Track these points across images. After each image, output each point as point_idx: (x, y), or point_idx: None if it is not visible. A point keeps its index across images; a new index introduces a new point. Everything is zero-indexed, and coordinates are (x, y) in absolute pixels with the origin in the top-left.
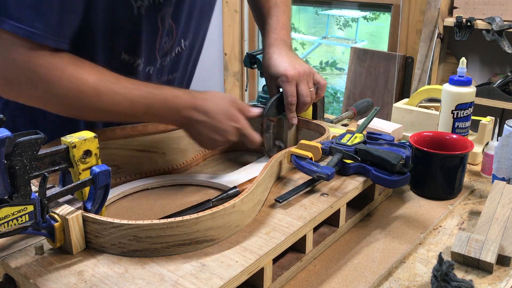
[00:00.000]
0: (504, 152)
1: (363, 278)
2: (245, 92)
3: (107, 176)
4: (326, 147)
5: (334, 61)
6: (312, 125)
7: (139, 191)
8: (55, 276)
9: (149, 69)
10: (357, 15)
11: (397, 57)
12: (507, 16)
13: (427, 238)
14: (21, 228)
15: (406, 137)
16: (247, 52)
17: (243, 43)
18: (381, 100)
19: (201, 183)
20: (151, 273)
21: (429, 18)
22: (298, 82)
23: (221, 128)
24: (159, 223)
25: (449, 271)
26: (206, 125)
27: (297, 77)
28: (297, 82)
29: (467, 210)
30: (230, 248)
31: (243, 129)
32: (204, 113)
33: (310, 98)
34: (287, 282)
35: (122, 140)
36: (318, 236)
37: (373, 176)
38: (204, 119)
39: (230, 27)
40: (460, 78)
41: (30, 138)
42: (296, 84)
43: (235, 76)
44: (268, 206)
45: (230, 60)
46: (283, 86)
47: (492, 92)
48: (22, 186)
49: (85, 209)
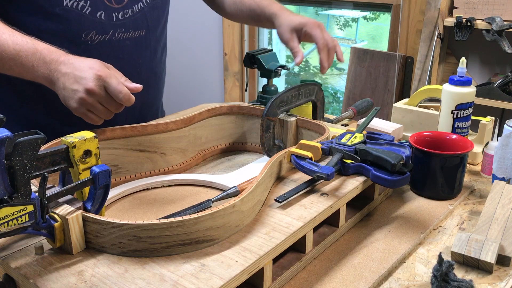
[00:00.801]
0: (504, 152)
1: (363, 278)
2: (245, 92)
3: (107, 176)
4: (326, 147)
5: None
6: (312, 125)
7: (139, 191)
8: (55, 276)
9: (100, 14)
10: (357, 15)
11: (397, 57)
12: (507, 16)
13: (427, 238)
14: (21, 228)
15: (406, 137)
16: (247, 52)
17: (243, 43)
18: (381, 100)
19: (201, 183)
20: (151, 273)
21: (429, 18)
22: (322, 29)
23: (79, 76)
24: (159, 223)
25: (449, 271)
26: (69, 77)
27: (320, 25)
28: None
29: (467, 210)
30: (230, 248)
31: (105, 77)
32: (70, 65)
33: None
34: (287, 282)
35: (122, 140)
36: (318, 236)
37: (373, 176)
38: (67, 71)
39: (230, 27)
40: (460, 78)
41: (30, 138)
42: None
43: (235, 76)
44: (268, 206)
45: (230, 60)
46: (312, 32)
47: (492, 92)
48: (22, 186)
49: (85, 209)
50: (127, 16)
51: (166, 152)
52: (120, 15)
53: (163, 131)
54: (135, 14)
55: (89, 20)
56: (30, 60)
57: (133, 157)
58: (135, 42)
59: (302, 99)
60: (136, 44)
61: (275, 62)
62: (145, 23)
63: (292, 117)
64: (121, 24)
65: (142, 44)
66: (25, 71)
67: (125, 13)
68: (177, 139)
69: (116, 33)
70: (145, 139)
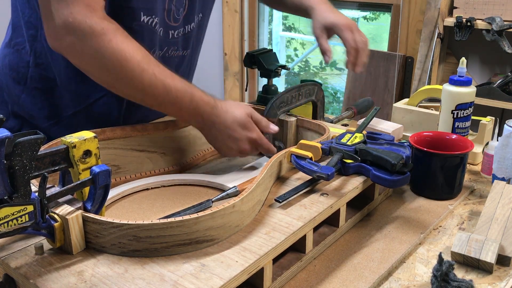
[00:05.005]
0: (504, 152)
1: (363, 278)
2: (245, 92)
3: (107, 176)
4: (326, 147)
5: (334, 61)
6: (312, 125)
7: (139, 191)
8: (55, 276)
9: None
10: (357, 15)
11: (397, 57)
12: (507, 16)
13: (427, 238)
14: (21, 228)
15: (406, 137)
16: (247, 52)
17: (243, 43)
18: (381, 100)
19: (201, 183)
20: (151, 273)
21: (429, 18)
22: (352, 31)
23: (234, 136)
24: (159, 223)
25: (449, 271)
26: (222, 132)
27: (350, 27)
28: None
29: (467, 210)
30: (230, 248)
31: (258, 139)
32: (223, 120)
33: (365, 45)
34: (287, 282)
35: (122, 140)
36: (318, 236)
37: (373, 176)
38: (220, 127)
39: (230, 27)
40: (460, 78)
41: (30, 138)
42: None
43: (235, 76)
44: (268, 206)
45: (230, 60)
46: (341, 34)
47: (492, 92)
48: (22, 186)
49: (85, 209)
50: (180, 35)
51: (166, 152)
52: (175, 33)
53: (163, 131)
54: (187, 33)
55: (156, 36)
56: (186, 107)
57: (133, 157)
58: (181, 61)
59: (302, 99)
60: (181, 62)
61: (275, 62)
62: (192, 42)
63: (292, 117)
64: (174, 41)
65: (185, 63)
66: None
67: (179, 32)
68: (177, 139)
69: (169, 50)
70: (145, 139)
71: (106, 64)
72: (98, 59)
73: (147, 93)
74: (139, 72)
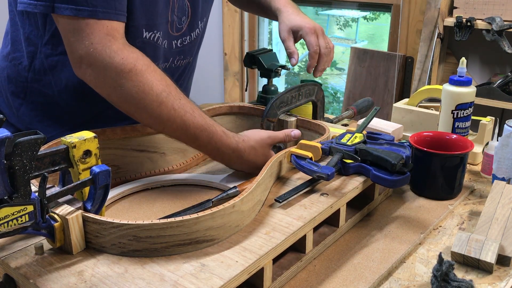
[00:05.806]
0: (504, 152)
1: (363, 278)
2: (245, 92)
3: (107, 176)
4: (326, 147)
5: (334, 61)
6: (312, 125)
7: (139, 191)
8: (55, 276)
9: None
10: (357, 15)
11: (397, 57)
12: (507, 16)
13: (427, 238)
14: (21, 228)
15: (406, 137)
16: (247, 52)
17: (243, 43)
18: (381, 100)
19: (201, 183)
20: (151, 273)
21: (429, 18)
22: (317, 35)
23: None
24: (159, 223)
25: (449, 271)
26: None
27: (316, 31)
28: (316, 35)
29: (467, 210)
30: (230, 248)
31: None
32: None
33: (329, 50)
34: (287, 282)
35: (122, 140)
36: (318, 236)
37: (373, 176)
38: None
39: (230, 27)
40: (460, 78)
41: (30, 138)
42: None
43: (235, 76)
44: (268, 206)
45: (230, 60)
46: (306, 38)
47: (492, 92)
48: (22, 186)
49: (85, 209)
50: (185, 44)
51: (166, 152)
52: (179, 42)
53: None
54: (193, 40)
55: (160, 50)
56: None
57: (133, 157)
58: (185, 68)
59: (302, 99)
60: (185, 70)
61: (275, 62)
62: (195, 49)
63: (292, 117)
64: (179, 51)
65: (188, 69)
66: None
67: (184, 41)
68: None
69: (175, 60)
70: (145, 139)
71: (125, 96)
72: (118, 91)
73: (166, 126)
74: (157, 105)
